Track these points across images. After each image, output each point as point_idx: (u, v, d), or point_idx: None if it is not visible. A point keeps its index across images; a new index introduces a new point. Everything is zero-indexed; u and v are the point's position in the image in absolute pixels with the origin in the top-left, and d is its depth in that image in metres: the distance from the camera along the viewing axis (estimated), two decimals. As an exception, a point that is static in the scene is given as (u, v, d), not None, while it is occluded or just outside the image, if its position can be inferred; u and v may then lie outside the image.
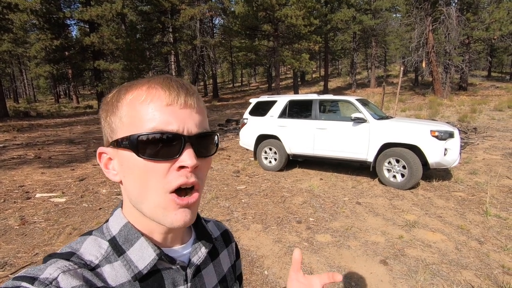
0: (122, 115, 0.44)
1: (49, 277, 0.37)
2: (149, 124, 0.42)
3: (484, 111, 13.36)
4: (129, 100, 0.44)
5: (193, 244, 0.53)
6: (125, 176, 0.45)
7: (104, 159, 0.47)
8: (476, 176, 5.17)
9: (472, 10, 20.35)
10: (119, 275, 0.43)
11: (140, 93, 0.43)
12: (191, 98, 0.44)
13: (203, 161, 0.46)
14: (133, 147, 0.42)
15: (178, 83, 0.45)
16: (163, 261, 0.47)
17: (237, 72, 48.30)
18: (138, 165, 0.42)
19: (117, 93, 0.46)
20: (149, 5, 23.38)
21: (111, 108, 0.45)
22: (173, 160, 0.42)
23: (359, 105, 5.14)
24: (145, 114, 0.42)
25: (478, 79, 25.98)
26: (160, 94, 0.43)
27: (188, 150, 0.42)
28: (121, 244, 0.45)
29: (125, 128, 0.43)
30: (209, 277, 0.55)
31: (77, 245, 0.45)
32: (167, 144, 0.42)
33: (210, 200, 4.26)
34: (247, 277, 2.49)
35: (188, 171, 0.43)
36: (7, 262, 2.65)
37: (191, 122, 0.44)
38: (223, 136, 10.29)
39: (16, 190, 4.58)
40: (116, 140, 0.44)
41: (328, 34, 25.76)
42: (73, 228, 3.33)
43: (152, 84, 0.44)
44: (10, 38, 24.63)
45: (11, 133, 11.03)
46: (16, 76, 43.81)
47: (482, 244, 2.97)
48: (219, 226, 0.68)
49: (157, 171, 0.42)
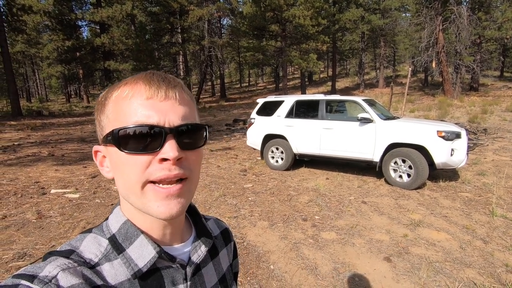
0: (109, 112, 0.45)
1: (48, 275, 0.37)
2: (131, 119, 0.42)
3: (496, 112, 13.14)
4: (114, 97, 0.45)
5: (193, 242, 0.53)
6: (114, 171, 0.45)
7: (99, 157, 0.48)
8: (484, 177, 5.15)
9: (484, 9, 19.99)
10: (118, 273, 0.43)
11: (123, 89, 0.44)
12: (172, 90, 0.44)
13: (189, 153, 0.45)
14: (115, 141, 0.42)
15: (160, 77, 0.45)
16: (163, 259, 0.46)
17: (244, 72, 48.47)
18: (122, 159, 0.43)
19: (106, 92, 0.47)
20: (158, 6, 23.71)
21: (101, 107, 0.46)
22: (154, 153, 0.42)
23: (365, 105, 5.17)
24: (127, 109, 0.43)
25: (490, 80, 25.48)
26: (141, 88, 0.43)
27: (170, 141, 0.42)
28: (120, 242, 0.45)
29: (110, 124, 0.44)
30: (209, 276, 0.55)
31: (77, 242, 0.45)
32: (148, 137, 0.42)
33: (218, 198, 4.36)
34: (254, 271, 2.58)
35: (170, 163, 0.42)
36: (26, 253, 2.80)
37: (173, 114, 0.43)
38: (230, 136, 10.41)
39: (32, 186, 4.77)
40: (104, 136, 0.45)
41: (336, 34, 25.65)
42: (87, 223, 3.47)
43: (135, 79, 0.45)
44: (24, 39, 25.38)
45: (25, 132, 11.37)
46: (29, 76, 44.90)
47: (486, 244, 2.99)
48: (219, 224, 0.67)
49: (139, 164, 0.42)
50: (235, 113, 18.10)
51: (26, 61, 38.54)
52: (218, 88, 33.68)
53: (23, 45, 27.86)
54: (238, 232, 3.32)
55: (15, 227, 3.31)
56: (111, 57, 22.33)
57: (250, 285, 2.40)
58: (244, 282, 2.42)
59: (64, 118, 17.25)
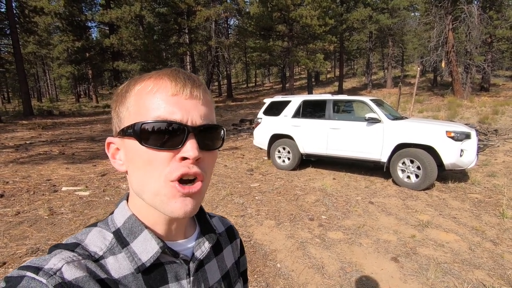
0: (130, 105, 0.45)
1: (53, 267, 0.38)
2: (153, 113, 0.42)
3: (507, 112, 12.88)
4: (137, 91, 0.44)
5: (197, 239, 0.53)
6: (130, 165, 0.45)
7: (112, 149, 0.48)
8: (495, 178, 5.07)
9: (496, 7, 19.61)
10: (122, 267, 0.43)
11: (147, 83, 0.44)
12: (197, 89, 0.44)
13: (207, 154, 0.45)
14: (136, 135, 0.42)
15: (185, 75, 0.45)
16: (166, 254, 0.46)
17: (251, 72, 48.53)
18: (141, 153, 0.42)
19: (127, 85, 0.47)
20: (166, 7, 23.95)
21: (120, 99, 0.46)
22: (175, 150, 0.42)
23: (373, 105, 5.14)
24: (150, 104, 0.42)
25: (502, 80, 24.97)
26: (166, 84, 0.43)
27: (191, 141, 0.42)
28: (125, 236, 0.45)
29: (131, 117, 0.44)
30: (212, 272, 0.55)
31: (82, 236, 0.45)
32: (170, 134, 0.42)
33: (225, 197, 4.39)
34: (261, 269, 2.60)
35: (190, 162, 0.42)
36: (39, 248, 2.87)
37: (196, 113, 0.43)
38: (237, 136, 10.45)
39: (44, 183, 4.88)
40: (122, 129, 0.45)
41: (343, 34, 25.49)
42: (97, 219, 3.53)
43: (160, 75, 0.45)
44: (35, 40, 25.92)
45: (36, 131, 11.61)
46: (40, 76, 45.83)
47: (496, 245, 2.95)
48: (224, 222, 0.67)
49: (160, 160, 0.42)
50: (241, 113, 18.15)
51: (37, 62, 39.30)
52: (224, 88, 33.82)
53: (35, 46, 28.50)
54: (245, 230, 3.35)
55: (28, 223, 3.40)
56: (120, 57, 22.64)
57: (257, 283, 2.42)
58: (251, 280, 2.45)
59: (74, 118, 17.55)
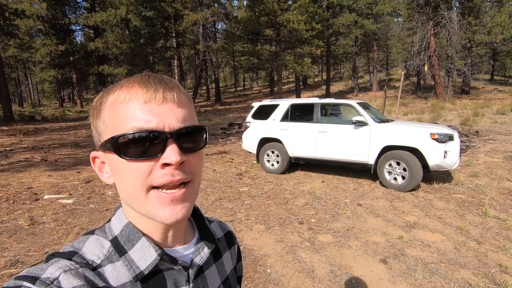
0: (105, 118, 0.43)
1: (50, 276, 0.37)
2: (129, 124, 0.41)
3: (487, 114, 13.38)
4: (110, 102, 0.43)
5: (196, 244, 0.52)
6: (115, 177, 0.44)
7: (97, 163, 0.47)
8: (477, 178, 5.22)
9: (474, 14, 20.47)
10: (120, 275, 0.43)
11: (119, 93, 0.43)
12: (170, 92, 0.43)
13: (191, 156, 0.44)
14: (115, 149, 0.41)
15: (155, 79, 0.44)
16: (165, 261, 0.46)
17: (239, 76, 48.62)
18: (123, 166, 0.41)
19: (101, 97, 0.45)
20: (152, 11, 23.76)
21: (96, 112, 0.45)
22: (156, 158, 0.41)
23: (360, 108, 5.22)
24: (124, 114, 0.41)
25: (481, 83, 25.97)
26: (137, 92, 0.42)
27: (171, 146, 0.41)
28: (122, 244, 0.45)
29: (108, 131, 0.43)
30: (212, 278, 0.54)
31: (80, 244, 0.44)
32: (149, 142, 0.40)
33: (214, 202, 4.34)
34: (251, 275, 2.57)
35: (173, 168, 0.41)
36: (18, 260, 2.74)
37: (172, 117, 0.42)
38: (225, 140, 10.40)
39: (25, 192, 4.70)
40: (102, 143, 0.44)
41: (330, 38, 25.95)
42: (81, 228, 3.42)
43: (130, 83, 0.43)
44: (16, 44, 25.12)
45: (17, 137, 11.21)
46: (21, 81, 44.43)
47: (480, 244, 3.02)
48: (223, 227, 0.67)
49: (141, 171, 0.41)
50: (230, 117, 18.11)
51: (18, 66, 38.13)
52: (213, 92, 33.72)
53: (16, 50, 27.55)
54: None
55: (7, 234, 3.25)
56: (105, 61, 22.27)
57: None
58: (241, 287, 2.41)
59: (57, 123, 17.06)
